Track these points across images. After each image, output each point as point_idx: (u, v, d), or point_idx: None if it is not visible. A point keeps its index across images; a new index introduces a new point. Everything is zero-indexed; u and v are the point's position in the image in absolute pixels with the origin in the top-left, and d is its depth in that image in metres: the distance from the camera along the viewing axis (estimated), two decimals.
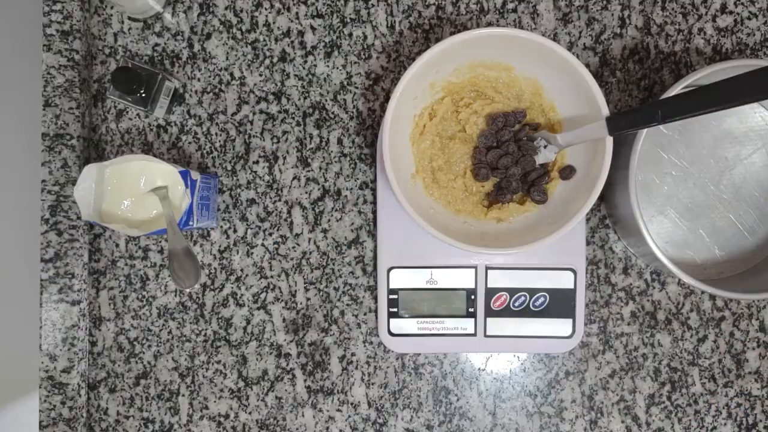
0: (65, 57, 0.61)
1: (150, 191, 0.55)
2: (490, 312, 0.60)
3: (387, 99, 0.63)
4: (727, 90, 0.42)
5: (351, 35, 0.64)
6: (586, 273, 0.62)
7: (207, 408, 0.63)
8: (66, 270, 0.61)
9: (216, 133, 0.63)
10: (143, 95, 0.58)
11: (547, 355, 0.63)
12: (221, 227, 0.63)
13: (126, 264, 0.63)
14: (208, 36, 0.63)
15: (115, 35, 0.63)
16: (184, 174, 0.55)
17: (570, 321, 0.60)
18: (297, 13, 0.63)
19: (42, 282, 0.61)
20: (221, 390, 0.63)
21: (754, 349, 0.63)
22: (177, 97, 0.63)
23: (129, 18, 0.63)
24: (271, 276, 0.63)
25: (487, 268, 0.60)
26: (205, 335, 0.63)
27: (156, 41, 0.63)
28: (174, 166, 0.55)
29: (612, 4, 0.63)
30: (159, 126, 0.63)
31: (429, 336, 0.60)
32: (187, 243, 0.52)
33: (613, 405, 0.63)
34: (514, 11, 0.63)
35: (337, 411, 0.63)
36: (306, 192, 0.63)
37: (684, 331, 0.63)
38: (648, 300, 0.63)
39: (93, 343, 0.63)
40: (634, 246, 0.61)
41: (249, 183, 0.63)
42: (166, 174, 0.55)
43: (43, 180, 0.61)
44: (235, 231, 0.63)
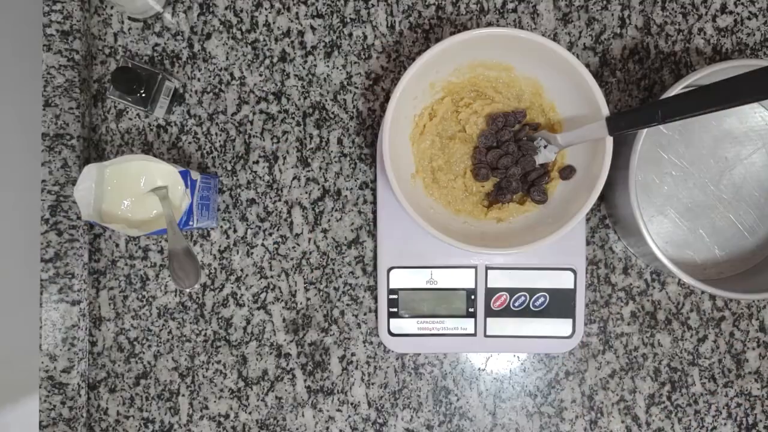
0: (65, 57, 0.61)
1: (150, 191, 0.55)
2: (490, 312, 0.60)
3: (387, 99, 0.63)
4: (727, 90, 0.42)
5: (351, 35, 0.64)
6: (586, 273, 0.62)
7: (207, 408, 0.63)
8: (66, 270, 0.61)
9: (216, 133, 0.63)
10: (143, 95, 0.58)
11: (547, 355, 0.63)
12: (221, 227, 0.63)
13: (126, 264, 0.63)
14: (208, 36, 0.63)
15: (115, 35, 0.63)
16: (184, 174, 0.55)
17: (570, 321, 0.60)
18: (297, 13, 0.63)
19: (42, 282, 0.61)
20: (221, 390, 0.63)
21: (754, 349, 0.63)
22: (177, 97, 0.63)
23: (129, 18, 0.63)
24: (271, 276, 0.63)
25: (487, 268, 0.60)
26: (205, 335, 0.63)
27: (156, 41, 0.63)
28: (174, 166, 0.55)
29: (612, 4, 0.63)
30: (159, 126, 0.63)
31: (429, 336, 0.60)
32: (187, 243, 0.52)
33: (613, 405, 0.63)
34: (514, 11, 0.63)
35: (337, 411, 0.63)
36: (306, 192, 0.63)
37: (684, 331, 0.63)
38: (648, 300, 0.63)
39: (93, 343, 0.63)
40: (634, 246, 0.61)
41: (249, 183, 0.63)
42: (166, 174, 0.55)
43: (43, 180, 0.61)
44: (235, 231, 0.63)
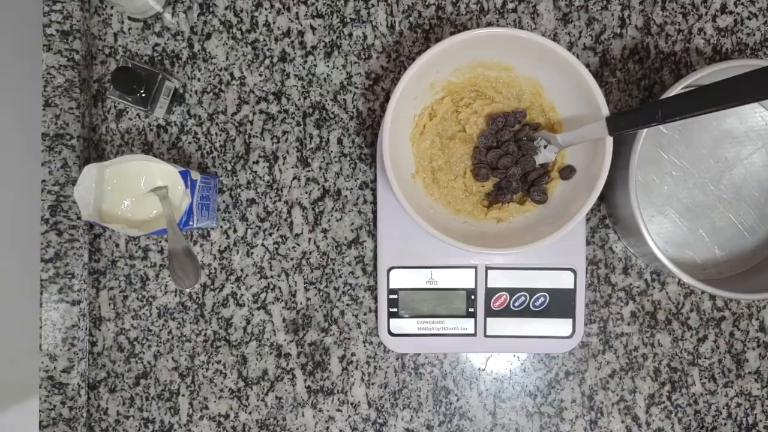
0: (65, 57, 0.61)
1: (150, 191, 0.55)
2: (490, 312, 0.60)
3: (387, 99, 0.63)
4: (727, 90, 0.42)
5: (351, 35, 0.64)
6: (586, 273, 0.62)
7: (207, 408, 0.63)
8: (66, 270, 0.61)
9: (216, 133, 0.63)
10: (143, 95, 0.58)
11: (547, 355, 0.63)
12: (221, 227, 0.63)
13: (126, 264, 0.63)
14: (208, 36, 0.63)
15: (115, 35, 0.63)
16: (184, 174, 0.55)
17: (570, 321, 0.60)
18: (297, 13, 0.63)
19: (42, 282, 0.61)
20: (221, 390, 0.63)
21: (754, 349, 0.63)
22: (177, 97, 0.63)
23: (129, 18, 0.63)
24: (271, 276, 0.63)
25: (487, 268, 0.60)
26: (205, 335, 0.63)
27: (156, 41, 0.63)
28: (174, 166, 0.55)
29: (612, 4, 0.63)
30: (159, 126, 0.63)
31: (429, 336, 0.60)
32: (187, 243, 0.52)
33: (613, 405, 0.63)
34: (514, 11, 0.63)
35: (337, 411, 0.63)
36: (306, 192, 0.63)
37: (684, 331, 0.63)
38: (648, 300, 0.63)
39: (93, 343, 0.63)
40: (634, 246, 0.61)
41: (249, 183, 0.63)
42: (166, 174, 0.55)
43: (43, 180, 0.61)
44: (235, 231, 0.63)
